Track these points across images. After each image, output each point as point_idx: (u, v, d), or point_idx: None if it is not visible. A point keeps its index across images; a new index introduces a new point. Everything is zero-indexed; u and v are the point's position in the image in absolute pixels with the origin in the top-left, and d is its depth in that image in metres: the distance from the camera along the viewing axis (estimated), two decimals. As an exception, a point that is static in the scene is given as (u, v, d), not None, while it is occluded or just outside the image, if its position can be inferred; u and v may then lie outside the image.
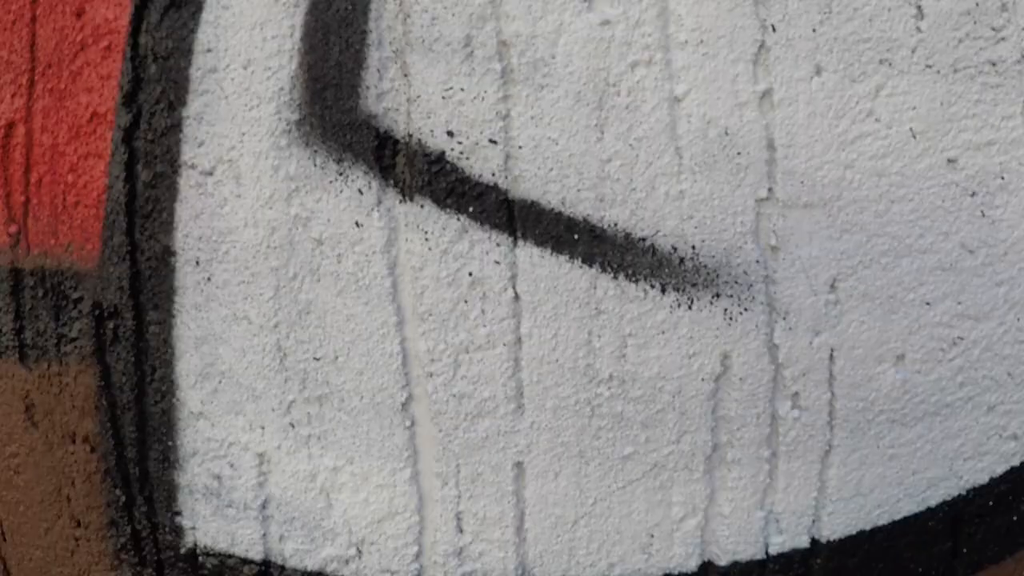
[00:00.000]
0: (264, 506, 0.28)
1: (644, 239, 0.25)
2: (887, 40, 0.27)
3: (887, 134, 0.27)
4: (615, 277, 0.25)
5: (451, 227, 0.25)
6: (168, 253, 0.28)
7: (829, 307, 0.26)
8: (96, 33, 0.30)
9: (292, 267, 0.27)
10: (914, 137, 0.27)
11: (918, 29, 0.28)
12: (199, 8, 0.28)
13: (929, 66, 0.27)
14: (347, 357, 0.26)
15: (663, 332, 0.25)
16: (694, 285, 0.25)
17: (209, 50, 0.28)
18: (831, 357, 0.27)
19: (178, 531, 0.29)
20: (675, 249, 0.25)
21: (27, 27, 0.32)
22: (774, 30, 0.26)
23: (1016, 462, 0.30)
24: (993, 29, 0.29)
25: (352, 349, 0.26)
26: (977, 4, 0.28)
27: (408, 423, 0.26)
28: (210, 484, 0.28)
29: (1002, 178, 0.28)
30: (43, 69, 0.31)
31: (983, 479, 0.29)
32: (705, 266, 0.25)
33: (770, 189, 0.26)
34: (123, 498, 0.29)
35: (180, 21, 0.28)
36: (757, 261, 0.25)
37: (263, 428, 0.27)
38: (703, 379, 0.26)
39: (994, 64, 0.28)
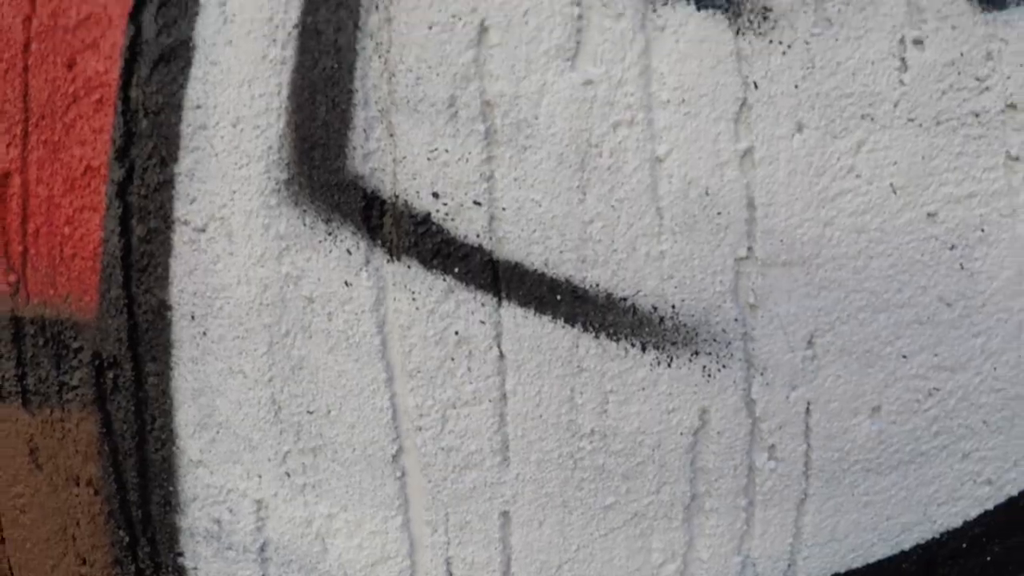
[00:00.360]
0: (263, 549, 0.30)
1: (625, 299, 0.27)
2: (870, 94, 0.28)
3: (867, 190, 0.28)
4: (597, 336, 0.27)
5: (437, 287, 0.27)
6: (164, 307, 0.30)
7: (806, 362, 0.28)
8: (87, 86, 0.32)
9: (284, 324, 0.29)
10: (895, 192, 0.28)
11: (901, 82, 0.29)
12: (188, 63, 0.30)
13: (912, 119, 0.29)
14: (339, 411, 0.28)
15: (643, 389, 0.27)
16: (674, 343, 0.27)
17: (199, 106, 0.29)
18: (807, 410, 0.29)
19: (181, 571, 0.32)
20: (655, 308, 0.27)
21: (19, 76, 0.34)
22: (756, 87, 0.27)
23: (990, 506, 0.32)
24: (977, 79, 0.30)
25: (344, 404, 0.28)
26: (962, 54, 0.30)
27: (399, 474, 0.29)
28: (210, 528, 0.31)
29: (982, 230, 0.29)
30: (36, 120, 0.33)
31: (957, 523, 0.31)
32: (685, 325, 0.27)
33: (750, 248, 0.27)
34: (127, 539, 0.32)
35: (169, 76, 0.30)
36: (736, 319, 0.27)
37: (260, 476, 0.30)
38: (682, 433, 0.28)
39: (977, 115, 0.30)
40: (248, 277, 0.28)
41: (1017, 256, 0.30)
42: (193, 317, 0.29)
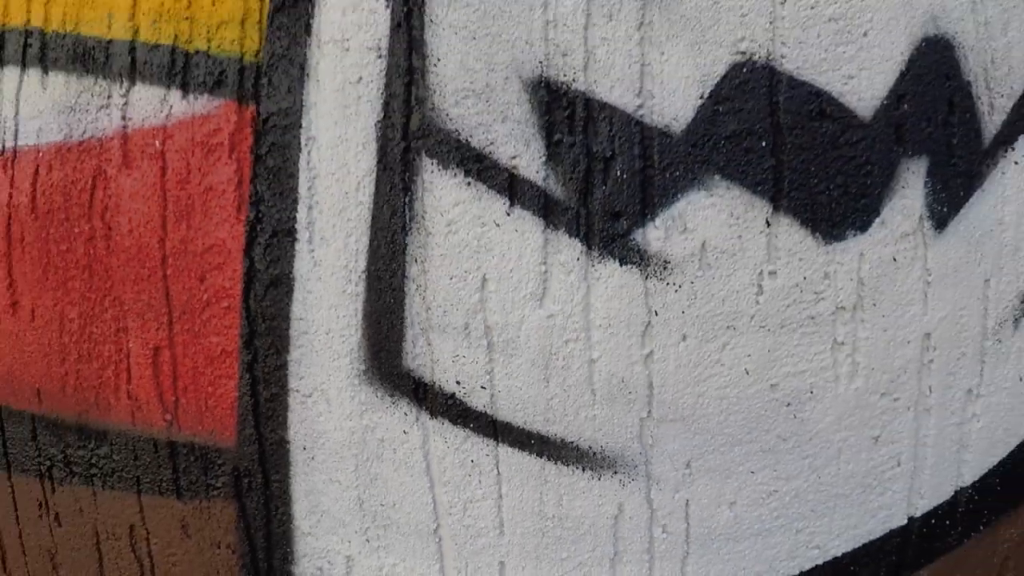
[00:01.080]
0: (351, 584, 0.68)
1: (573, 443, 0.64)
2: (734, 313, 0.63)
3: (728, 374, 0.62)
4: (556, 464, 0.64)
5: (460, 435, 0.64)
6: (284, 441, 0.66)
7: (685, 477, 0.64)
8: (216, 296, 0.66)
9: (365, 454, 0.65)
10: (747, 373, 0.62)
11: (757, 302, 0.62)
12: (291, 289, 0.64)
13: (763, 327, 0.63)
14: (401, 504, 0.66)
15: (584, 492, 0.64)
16: (602, 467, 0.64)
17: (301, 319, 0.64)
18: (687, 505, 0.65)
19: (297, 600, 0.69)
20: (591, 448, 0.64)
21: (160, 282, 0.68)
22: (657, 314, 0.60)
23: (820, 562, 0.69)
24: (815, 293, 0.63)
25: (404, 500, 0.66)
26: (805, 277, 0.62)
27: (438, 540, 0.67)
28: (315, 573, 0.67)
29: (811, 392, 0.64)
30: (179, 315, 0.67)
31: (795, 571, 0.67)
32: (609, 457, 0.63)
33: (649, 411, 0.63)
34: (258, 579, 0.67)
35: (278, 297, 0.64)
36: (640, 453, 0.64)
37: (350, 542, 0.67)
38: (607, 518, 0.65)
39: (813, 318, 0.64)
40: (341, 426, 0.64)
41: (838, 408, 0.65)
42: (304, 448, 0.65)
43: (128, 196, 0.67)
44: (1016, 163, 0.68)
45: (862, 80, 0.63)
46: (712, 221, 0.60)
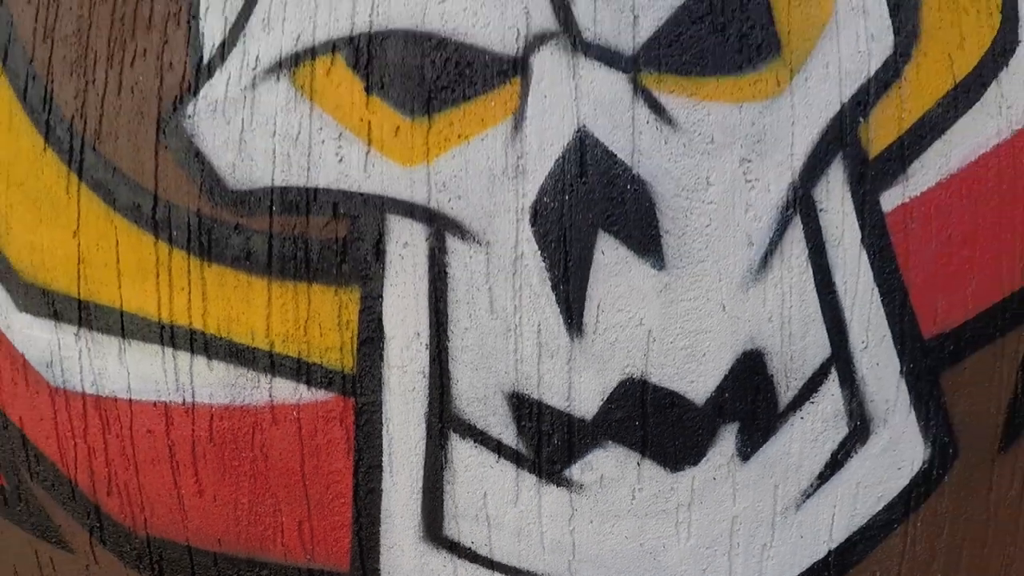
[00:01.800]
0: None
1: (534, 572, 1.47)
2: (618, 509, 1.38)
3: (616, 538, 1.40)
4: None
5: (473, 567, 1.48)
6: (377, 570, 1.51)
7: None
8: (337, 496, 1.45)
9: (425, 572, 1.30)
10: (627, 538, 1.43)
11: (632, 504, 1.34)
12: (380, 496, 1.41)
13: (636, 516, 1.43)
14: None
15: None
16: None
17: (387, 510, 1.47)
18: None
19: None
20: (542, 574, 1.36)
21: (302, 488, 1.40)
22: (576, 510, 1.38)
23: None
24: (665, 499, 1.31)
25: None
26: (659, 490, 1.26)
27: None
28: None
29: (664, 546, 1.40)
30: (314, 504, 1.47)
31: None
32: None
33: (574, 556, 1.45)
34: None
35: (373, 499, 1.44)
36: (569, 571, 1.28)
37: None
38: None
39: (665, 510, 1.29)
40: (409, 564, 1.47)
41: (680, 554, 1.43)
42: (389, 574, 1.32)
43: (278, 440, 1.37)
44: (802, 418, 1.34)
45: (699, 383, 1.31)
46: (607, 464, 1.36)
